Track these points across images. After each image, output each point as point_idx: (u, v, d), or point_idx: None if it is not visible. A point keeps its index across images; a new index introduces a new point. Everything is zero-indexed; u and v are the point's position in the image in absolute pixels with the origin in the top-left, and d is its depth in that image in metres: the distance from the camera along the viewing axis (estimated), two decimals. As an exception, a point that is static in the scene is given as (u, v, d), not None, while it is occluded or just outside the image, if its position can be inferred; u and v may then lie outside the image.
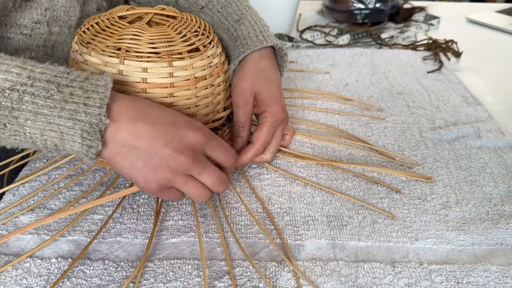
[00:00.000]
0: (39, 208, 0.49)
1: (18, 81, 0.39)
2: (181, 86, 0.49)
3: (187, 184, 0.43)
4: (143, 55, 0.47)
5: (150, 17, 0.52)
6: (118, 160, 0.42)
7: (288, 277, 0.42)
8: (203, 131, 0.43)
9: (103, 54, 0.47)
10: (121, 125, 0.41)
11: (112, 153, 0.41)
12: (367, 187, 0.53)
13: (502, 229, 0.47)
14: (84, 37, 0.49)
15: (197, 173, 0.43)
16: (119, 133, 0.41)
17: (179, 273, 0.42)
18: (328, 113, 0.68)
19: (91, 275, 0.41)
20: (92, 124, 0.39)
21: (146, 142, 0.41)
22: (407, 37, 0.94)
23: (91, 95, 0.39)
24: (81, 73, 0.41)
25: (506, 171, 0.56)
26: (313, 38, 0.95)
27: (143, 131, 0.41)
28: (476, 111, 0.68)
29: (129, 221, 0.48)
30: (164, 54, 0.48)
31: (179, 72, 0.48)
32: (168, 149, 0.41)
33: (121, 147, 0.41)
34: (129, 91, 0.47)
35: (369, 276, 0.42)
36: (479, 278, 0.42)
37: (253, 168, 0.56)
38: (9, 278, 0.41)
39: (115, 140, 0.41)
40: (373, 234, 0.47)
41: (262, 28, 0.58)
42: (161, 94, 0.48)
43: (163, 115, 0.43)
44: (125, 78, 0.47)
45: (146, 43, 0.47)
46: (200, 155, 0.43)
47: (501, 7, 1.13)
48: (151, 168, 0.42)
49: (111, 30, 0.49)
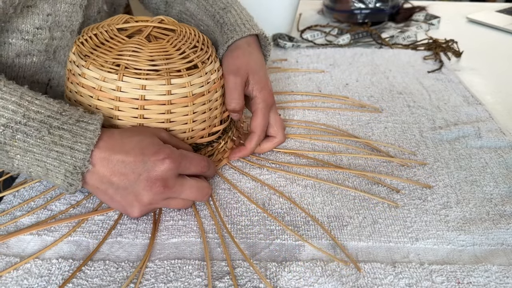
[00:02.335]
0: (40, 210, 0.49)
1: (13, 119, 0.42)
2: (179, 103, 0.49)
3: (169, 204, 0.47)
4: (142, 72, 0.47)
5: (150, 30, 0.52)
6: (99, 194, 0.46)
7: (289, 278, 0.42)
8: (171, 158, 0.44)
9: (101, 69, 0.47)
10: (99, 167, 0.43)
11: (93, 188, 0.45)
12: (367, 188, 0.53)
13: (503, 229, 0.47)
14: (82, 48, 0.49)
15: (176, 196, 0.46)
16: (98, 172, 0.43)
17: (179, 273, 0.42)
18: (328, 113, 0.68)
19: (92, 276, 0.41)
20: (76, 166, 0.42)
21: (119, 179, 0.43)
22: (408, 37, 0.94)
23: (79, 140, 0.42)
24: (74, 113, 0.44)
25: (507, 171, 0.56)
26: (313, 38, 0.95)
27: (116, 168, 0.43)
28: (476, 111, 0.68)
29: (129, 221, 0.48)
30: (163, 72, 0.48)
31: (177, 90, 0.49)
32: (140, 184, 0.44)
33: (99, 183, 0.44)
34: (126, 107, 0.48)
35: (369, 277, 0.42)
36: (480, 278, 0.42)
37: (254, 169, 0.56)
38: (10, 279, 0.41)
39: (94, 178, 0.44)
40: (374, 234, 0.47)
41: (247, 17, 0.60)
42: (159, 110, 0.48)
43: (131, 148, 0.44)
44: (123, 94, 0.47)
45: (145, 60, 0.48)
46: (172, 181, 0.45)
47: (501, 7, 1.13)
48: (129, 201, 0.45)
49: (110, 44, 0.49)
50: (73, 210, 0.49)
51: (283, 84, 0.76)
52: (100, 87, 0.48)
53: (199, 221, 0.48)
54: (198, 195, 0.47)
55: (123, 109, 0.48)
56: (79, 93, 0.49)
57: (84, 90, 0.49)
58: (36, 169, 0.43)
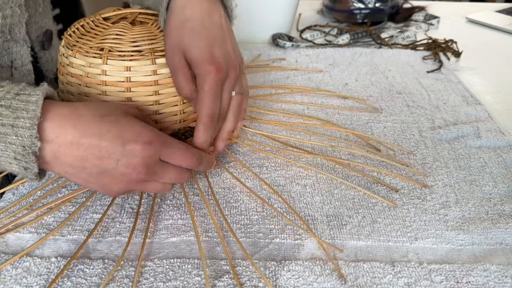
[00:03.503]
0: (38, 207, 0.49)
1: None
2: (165, 83, 0.49)
3: (147, 188, 0.44)
4: (125, 54, 0.47)
5: (135, 16, 0.53)
6: (70, 177, 0.41)
7: (288, 277, 0.42)
8: (153, 143, 0.40)
9: (87, 55, 0.47)
10: (62, 148, 0.38)
11: (61, 172, 0.40)
12: (366, 187, 0.53)
13: (502, 229, 0.47)
14: (69, 40, 0.50)
15: (155, 180, 0.43)
16: (63, 156, 0.38)
17: (179, 272, 0.42)
18: (327, 112, 0.68)
19: (90, 274, 0.41)
20: (24, 146, 0.37)
21: (94, 164, 0.39)
22: (407, 37, 0.94)
23: (20, 115, 0.36)
24: (13, 88, 0.38)
25: (506, 171, 0.56)
26: (313, 38, 0.95)
27: (88, 152, 0.39)
28: (475, 111, 0.68)
29: (128, 220, 0.48)
30: (147, 52, 0.48)
31: (163, 70, 0.48)
32: (119, 168, 0.40)
33: (68, 167, 0.40)
34: (113, 91, 0.47)
35: (368, 276, 0.42)
36: (479, 277, 0.42)
37: (253, 168, 0.56)
38: (9, 277, 0.41)
39: (61, 162, 0.39)
40: (373, 233, 0.47)
41: None
42: (146, 92, 0.48)
43: (106, 130, 0.39)
44: (109, 78, 0.47)
45: (129, 42, 0.48)
46: (153, 167, 0.42)
47: (501, 7, 1.13)
48: (105, 183, 0.41)
49: (95, 31, 0.50)
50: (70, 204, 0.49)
51: (283, 83, 0.76)
52: (87, 74, 0.48)
53: (193, 220, 0.48)
54: (177, 179, 0.44)
55: (110, 94, 0.48)
56: (69, 83, 0.50)
57: (73, 79, 0.49)
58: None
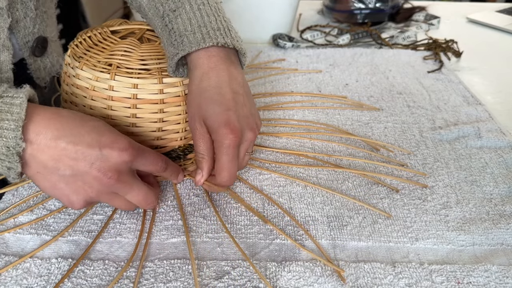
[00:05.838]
0: (38, 209, 0.49)
1: None
2: (171, 102, 0.49)
3: (112, 201, 0.44)
4: (133, 71, 0.48)
5: (142, 33, 0.53)
6: (39, 179, 0.41)
7: (288, 277, 0.41)
8: (129, 150, 0.41)
9: (94, 69, 0.48)
10: (41, 146, 0.39)
11: (33, 172, 0.41)
12: (367, 187, 0.53)
13: (503, 229, 0.47)
14: (76, 50, 0.50)
15: (123, 193, 0.43)
16: (40, 154, 0.39)
17: (179, 273, 0.42)
18: (328, 113, 0.68)
19: (91, 275, 0.41)
20: (9, 147, 0.38)
21: (68, 165, 0.40)
22: (407, 37, 0.94)
23: (5, 117, 0.38)
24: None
25: (507, 171, 0.56)
26: (313, 38, 0.94)
27: (65, 152, 0.39)
28: (476, 111, 0.68)
29: (129, 221, 0.48)
30: (154, 71, 0.48)
31: (169, 89, 0.49)
32: (92, 171, 0.40)
33: (42, 167, 0.40)
34: (119, 107, 0.48)
35: (369, 277, 0.42)
36: (480, 278, 0.42)
37: (254, 167, 0.56)
38: (9, 278, 0.41)
39: (37, 161, 0.40)
40: (374, 234, 0.47)
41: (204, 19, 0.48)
42: (151, 110, 0.49)
43: (86, 132, 0.40)
44: (116, 93, 0.48)
45: (137, 59, 0.48)
46: (125, 175, 0.42)
47: (501, 7, 1.13)
48: (74, 189, 0.41)
49: (103, 45, 0.50)
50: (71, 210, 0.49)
51: (283, 84, 0.76)
52: (93, 87, 0.48)
53: (183, 219, 0.48)
54: (142, 201, 0.44)
55: (116, 109, 0.48)
56: (74, 94, 0.50)
57: (78, 91, 0.49)
58: None
